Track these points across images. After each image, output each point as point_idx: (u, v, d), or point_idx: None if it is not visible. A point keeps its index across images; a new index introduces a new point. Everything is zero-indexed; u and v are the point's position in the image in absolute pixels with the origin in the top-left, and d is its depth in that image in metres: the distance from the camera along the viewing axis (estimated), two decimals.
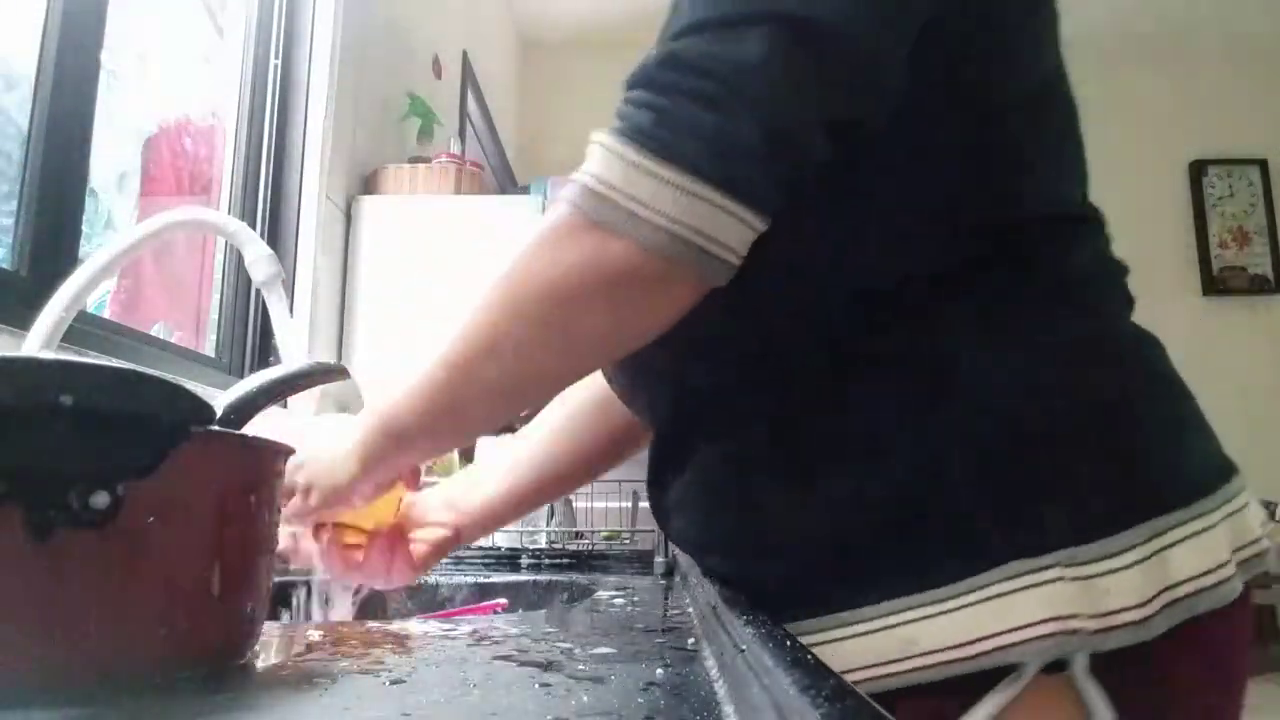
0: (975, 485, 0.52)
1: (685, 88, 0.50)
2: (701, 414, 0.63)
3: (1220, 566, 0.52)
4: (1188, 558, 0.51)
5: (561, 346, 0.55)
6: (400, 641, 0.48)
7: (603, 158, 0.51)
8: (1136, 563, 0.50)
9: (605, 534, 1.37)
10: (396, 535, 0.73)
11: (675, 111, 0.49)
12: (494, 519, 0.86)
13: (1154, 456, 0.54)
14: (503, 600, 0.93)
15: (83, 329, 1.14)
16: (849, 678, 0.48)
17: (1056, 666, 0.49)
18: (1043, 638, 0.48)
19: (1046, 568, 0.49)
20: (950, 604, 0.50)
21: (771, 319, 0.59)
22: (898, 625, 0.51)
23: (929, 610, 0.51)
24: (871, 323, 0.56)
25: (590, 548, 1.26)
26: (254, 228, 1.35)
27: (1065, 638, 0.48)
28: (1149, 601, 0.49)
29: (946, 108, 0.56)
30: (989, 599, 0.50)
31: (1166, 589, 0.50)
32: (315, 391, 1.16)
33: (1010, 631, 0.49)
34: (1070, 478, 0.52)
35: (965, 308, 0.56)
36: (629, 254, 0.50)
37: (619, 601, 0.69)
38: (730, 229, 0.50)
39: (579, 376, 0.62)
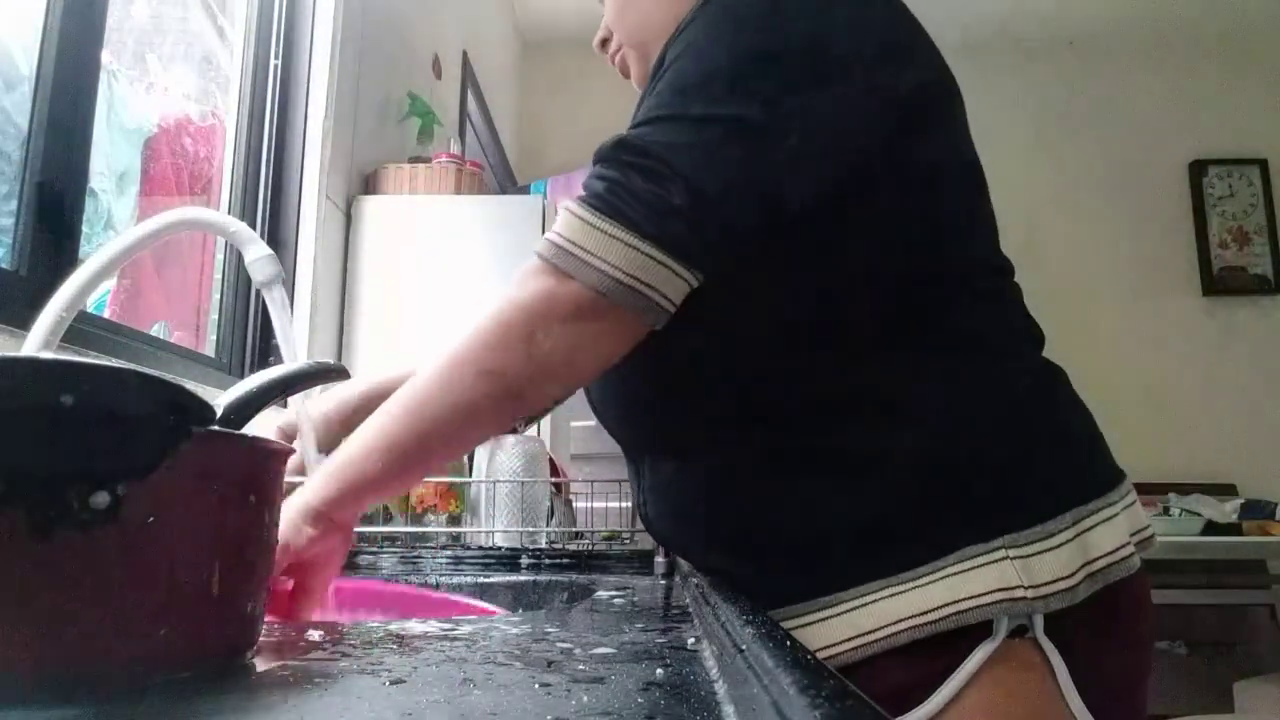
0: (939, 494, 0.64)
1: (633, 163, 0.62)
2: (694, 438, 0.72)
3: (1124, 545, 0.66)
4: (1102, 538, 0.64)
5: (519, 367, 0.62)
6: (400, 641, 0.47)
7: (564, 217, 0.63)
8: (1064, 544, 0.62)
9: (605, 534, 1.36)
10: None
11: (623, 181, 0.61)
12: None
13: (1072, 460, 0.69)
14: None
15: (83, 329, 1.14)
16: (837, 648, 0.61)
17: (1020, 631, 0.61)
18: (991, 605, 0.60)
19: (995, 549, 0.61)
20: (919, 581, 0.61)
21: (727, 368, 0.69)
22: (875, 601, 0.62)
23: (901, 588, 0.62)
24: (834, 364, 0.67)
25: (590, 548, 1.26)
26: (254, 228, 1.34)
27: (1010, 604, 0.60)
28: (1074, 574, 0.62)
29: (883, 182, 0.67)
30: (948, 576, 0.61)
31: (1087, 563, 0.63)
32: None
33: (965, 600, 0.60)
34: (1011, 481, 0.64)
35: (911, 351, 0.67)
36: (579, 293, 0.61)
37: (619, 601, 0.69)
38: (663, 278, 0.60)
39: (535, 405, 0.67)
